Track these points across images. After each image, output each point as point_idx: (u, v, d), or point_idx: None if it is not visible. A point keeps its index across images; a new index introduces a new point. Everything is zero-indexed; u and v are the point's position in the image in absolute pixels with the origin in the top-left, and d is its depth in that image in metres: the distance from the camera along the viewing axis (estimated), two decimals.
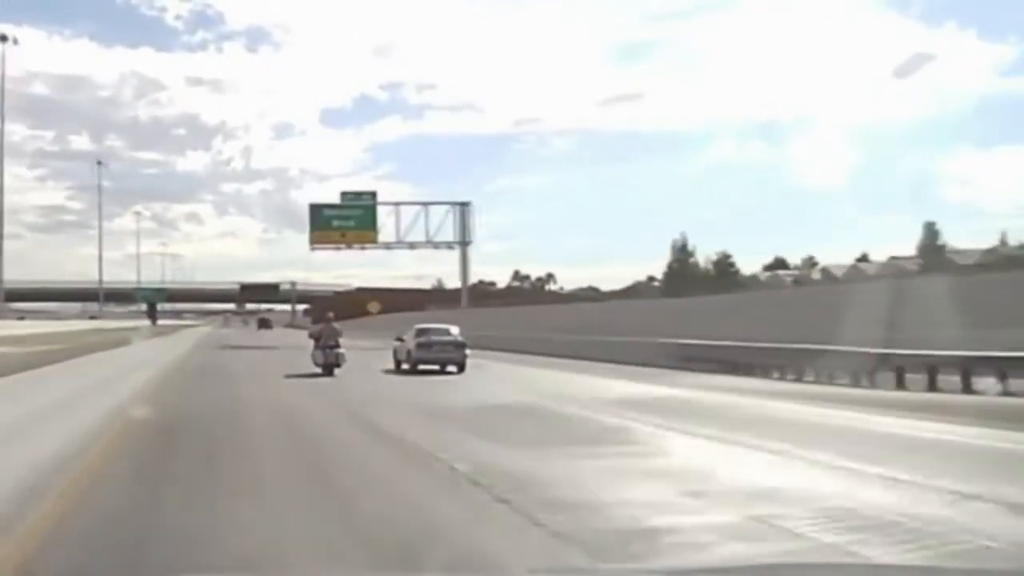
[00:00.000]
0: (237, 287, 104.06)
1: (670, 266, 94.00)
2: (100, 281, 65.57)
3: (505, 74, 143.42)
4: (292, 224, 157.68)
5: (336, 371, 20.95)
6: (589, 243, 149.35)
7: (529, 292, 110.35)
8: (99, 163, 73.60)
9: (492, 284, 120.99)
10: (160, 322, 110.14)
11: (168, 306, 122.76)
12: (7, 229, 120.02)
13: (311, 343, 22.76)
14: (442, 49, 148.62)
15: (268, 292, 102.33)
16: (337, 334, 21.97)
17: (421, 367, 22.21)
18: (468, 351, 22.43)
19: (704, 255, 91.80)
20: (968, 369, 16.40)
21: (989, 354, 16.04)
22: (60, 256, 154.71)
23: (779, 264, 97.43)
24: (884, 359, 18.25)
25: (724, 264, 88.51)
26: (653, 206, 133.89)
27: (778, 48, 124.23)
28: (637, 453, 9.91)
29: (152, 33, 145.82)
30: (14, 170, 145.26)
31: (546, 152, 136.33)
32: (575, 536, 5.79)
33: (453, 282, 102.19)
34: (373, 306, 55.97)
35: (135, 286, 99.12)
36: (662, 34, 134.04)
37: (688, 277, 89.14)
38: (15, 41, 52.82)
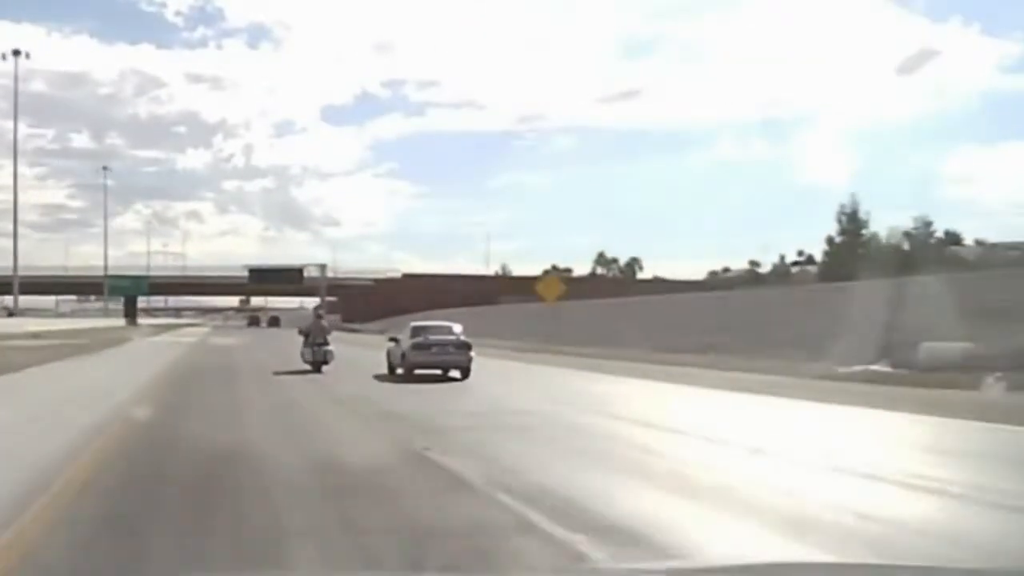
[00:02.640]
0: (244, 275, 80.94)
1: (830, 242, 71.85)
2: (15, 267, 43.96)
3: (507, 71, 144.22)
4: (293, 222, 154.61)
5: (324, 368, 21.34)
6: (594, 241, 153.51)
7: (635, 282, 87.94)
8: (16, 52, 51.13)
9: (568, 271, 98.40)
10: (149, 321, 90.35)
11: (158, 299, 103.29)
12: (7, 227, 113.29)
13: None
14: (444, 46, 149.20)
15: (288, 279, 78.76)
16: (326, 331, 22.41)
17: (419, 372, 19.60)
18: (473, 353, 19.79)
19: (884, 226, 69.56)
20: None
21: None
22: (61, 254, 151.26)
23: (953, 239, 78.61)
24: None
25: (923, 237, 65.38)
26: (656, 203, 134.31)
27: (781, 45, 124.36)
28: None
29: (152, 30, 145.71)
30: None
31: (548, 149, 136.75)
32: None
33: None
34: (549, 288, 33.59)
35: (116, 275, 76.53)
36: (664, 31, 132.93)
37: (864, 254, 67.73)
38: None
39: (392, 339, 21.76)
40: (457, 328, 21.09)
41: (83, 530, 5.67)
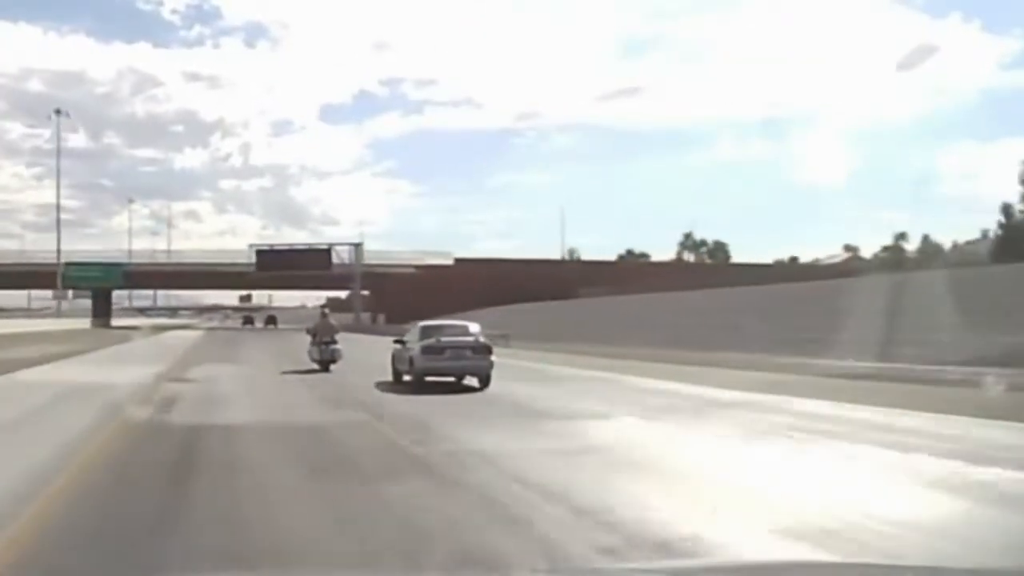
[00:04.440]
0: (250, 261, 63.81)
1: (1008, 216, 56.39)
2: None
3: (505, 69, 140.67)
4: (292, 221, 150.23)
5: (332, 367, 21.42)
6: (595, 241, 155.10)
7: (728, 267, 71.89)
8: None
9: (644, 255, 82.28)
10: (130, 322, 74.80)
11: (144, 295, 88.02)
12: (5, 228, 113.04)
13: None
14: (442, 44, 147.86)
15: (310, 263, 61.67)
16: (333, 330, 22.48)
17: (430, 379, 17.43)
18: (494, 357, 17.76)
19: None
20: None
21: None
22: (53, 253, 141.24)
23: None
24: None
25: None
26: (656, 201, 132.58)
27: (781, 42, 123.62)
28: None
29: (149, 28, 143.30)
30: (12, 168, 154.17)
31: (546, 147, 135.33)
32: None
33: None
34: None
35: (78, 262, 59.74)
36: (663, 29, 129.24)
37: None
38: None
39: (398, 341, 19.52)
40: (474, 328, 19.14)
41: None
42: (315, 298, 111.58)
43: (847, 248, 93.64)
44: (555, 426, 10.93)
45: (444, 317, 33.02)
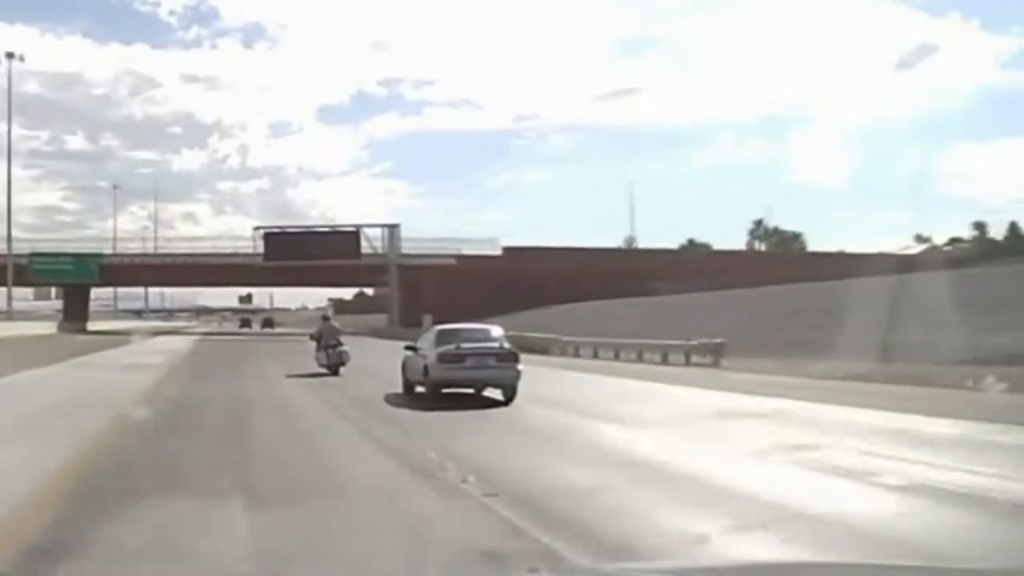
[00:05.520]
0: (256, 251, 53.81)
1: None
2: None
3: (504, 70, 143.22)
4: (290, 223, 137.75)
5: (341, 370, 21.29)
6: (599, 240, 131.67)
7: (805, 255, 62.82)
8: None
9: (705, 247, 72.75)
10: (118, 326, 65.35)
11: (133, 294, 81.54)
12: (4, 231, 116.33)
13: None
14: (440, 45, 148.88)
15: (333, 250, 51.79)
16: (338, 333, 22.70)
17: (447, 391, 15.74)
18: (521, 366, 15.70)
19: None
20: None
21: None
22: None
23: None
24: None
25: None
26: (656, 202, 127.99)
27: (779, 42, 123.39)
28: None
29: (146, 29, 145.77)
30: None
31: (545, 148, 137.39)
32: None
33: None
34: None
35: (41, 253, 49.87)
36: (662, 29, 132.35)
37: None
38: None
39: (409, 347, 17.62)
40: (497, 331, 17.11)
41: None
42: (319, 297, 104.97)
43: (919, 239, 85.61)
44: None
45: (491, 320, 24.00)
